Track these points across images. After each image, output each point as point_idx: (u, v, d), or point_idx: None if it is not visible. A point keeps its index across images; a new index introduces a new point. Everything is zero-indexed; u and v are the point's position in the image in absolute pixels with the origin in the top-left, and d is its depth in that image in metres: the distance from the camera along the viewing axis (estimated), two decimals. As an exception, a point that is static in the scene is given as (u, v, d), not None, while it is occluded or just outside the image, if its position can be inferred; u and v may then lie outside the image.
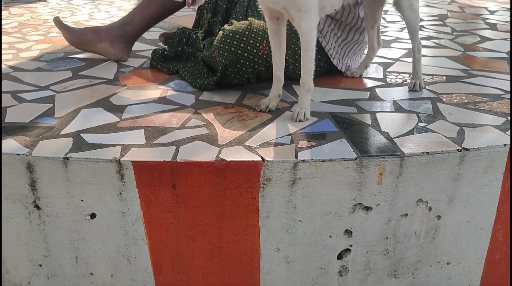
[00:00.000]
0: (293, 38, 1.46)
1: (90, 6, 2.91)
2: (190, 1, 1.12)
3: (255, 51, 1.40)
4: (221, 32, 1.43)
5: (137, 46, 1.84)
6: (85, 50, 1.76)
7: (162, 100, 1.37)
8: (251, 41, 1.39)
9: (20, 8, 2.80)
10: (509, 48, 1.96)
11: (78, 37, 1.72)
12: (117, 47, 1.71)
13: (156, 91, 1.44)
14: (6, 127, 1.16)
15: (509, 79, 1.56)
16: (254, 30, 1.40)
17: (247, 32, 1.39)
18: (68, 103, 1.33)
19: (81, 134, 1.13)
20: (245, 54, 1.40)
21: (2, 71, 1.59)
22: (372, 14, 1.51)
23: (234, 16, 1.64)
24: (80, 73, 1.60)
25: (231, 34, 1.40)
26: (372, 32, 1.56)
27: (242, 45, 1.39)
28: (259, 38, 1.40)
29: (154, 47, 1.91)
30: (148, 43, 1.99)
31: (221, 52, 1.40)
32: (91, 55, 1.77)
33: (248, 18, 1.47)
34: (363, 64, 1.61)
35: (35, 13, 2.64)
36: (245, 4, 1.63)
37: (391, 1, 1.44)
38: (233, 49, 1.39)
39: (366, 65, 1.61)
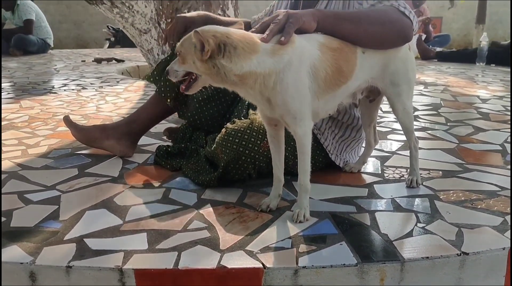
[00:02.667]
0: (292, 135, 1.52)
1: (98, 98, 3.04)
2: (183, 87, 1.20)
3: (256, 148, 1.45)
4: (223, 130, 1.49)
5: (141, 139, 1.89)
6: (92, 146, 1.83)
7: (165, 199, 1.40)
8: (252, 139, 1.45)
9: (30, 100, 2.93)
10: (502, 140, 2.02)
11: (86, 134, 1.79)
12: (123, 144, 1.78)
13: (159, 190, 1.47)
14: (11, 233, 1.18)
15: (504, 174, 1.60)
16: (255, 128, 1.46)
17: (248, 131, 1.45)
18: (73, 204, 1.36)
19: (84, 239, 1.15)
20: (246, 152, 1.45)
21: (11, 170, 1.64)
22: (369, 114, 1.58)
23: (236, 113, 1.72)
24: (86, 171, 1.64)
25: (233, 133, 1.45)
26: (369, 130, 1.62)
27: (243, 143, 1.44)
28: (260, 136, 1.45)
29: (159, 141, 1.99)
30: (152, 136, 2.06)
31: (223, 149, 1.46)
32: (97, 151, 1.83)
33: (249, 116, 1.53)
34: (361, 160, 1.66)
35: (45, 106, 2.76)
36: (246, 103, 1.71)
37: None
38: (235, 146, 1.44)
39: (364, 161, 1.67)
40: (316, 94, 1.23)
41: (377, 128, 2.14)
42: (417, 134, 2.15)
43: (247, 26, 1.81)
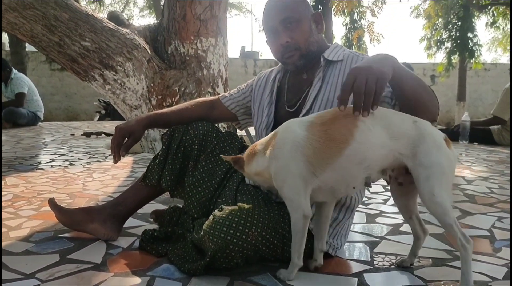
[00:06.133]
0: (281, 222, 1.51)
1: (85, 175, 3.02)
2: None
3: (244, 237, 1.43)
4: (211, 217, 1.47)
5: (127, 221, 1.86)
6: (76, 230, 1.79)
7: (149, 290, 1.35)
8: (240, 227, 1.43)
9: (16, 177, 2.89)
10: (489, 225, 2.02)
11: (70, 217, 1.76)
12: (108, 227, 1.74)
13: (143, 279, 1.42)
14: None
15: (494, 262, 1.58)
16: (243, 216, 1.44)
17: (236, 219, 1.43)
18: (52, 295, 1.30)
19: None
20: (234, 240, 1.42)
21: (-11, 255, 1.59)
22: (405, 205, 1.47)
23: (224, 199, 1.71)
24: (67, 257, 1.59)
25: (221, 221, 1.43)
26: (412, 223, 1.49)
27: (231, 231, 1.42)
28: (248, 224, 1.43)
29: (144, 223, 1.95)
30: (138, 218, 2.03)
31: (210, 237, 1.43)
32: (81, 234, 1.78)
33: (237, 204, 1.52)
34: (412, 253, 1.52)
35: (31, 183, 2.73)
36: (234, 188, 1.71)
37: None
38: (222, 235, 1.42)
39: (415, 254, 1.52)
40: (312, 170, 1.31)
41: (365, 211, 2.14)
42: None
43: (207, 106, 1.87)
